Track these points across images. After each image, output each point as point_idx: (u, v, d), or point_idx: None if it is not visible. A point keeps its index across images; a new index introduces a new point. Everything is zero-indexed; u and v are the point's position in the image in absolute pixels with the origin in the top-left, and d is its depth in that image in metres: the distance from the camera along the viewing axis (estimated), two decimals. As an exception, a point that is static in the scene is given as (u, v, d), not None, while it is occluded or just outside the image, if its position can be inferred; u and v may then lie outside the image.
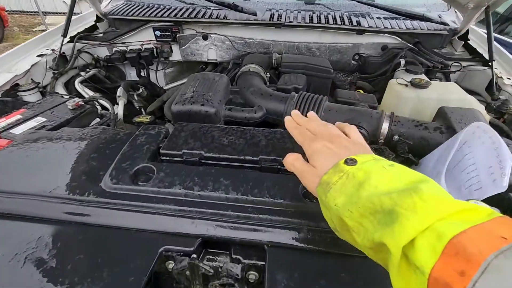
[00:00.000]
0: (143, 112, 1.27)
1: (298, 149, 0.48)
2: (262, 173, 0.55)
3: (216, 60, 1.34)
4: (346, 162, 0.38)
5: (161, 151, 0.59)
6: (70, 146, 0.64)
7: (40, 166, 0.59)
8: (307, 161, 0.45)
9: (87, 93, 1.12)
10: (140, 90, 1.25)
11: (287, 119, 0.53)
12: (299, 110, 0.82)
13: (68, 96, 1.01)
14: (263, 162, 0.57)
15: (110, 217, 0.50)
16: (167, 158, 0.60)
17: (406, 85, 0.89)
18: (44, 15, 6.04)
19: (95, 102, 0.98)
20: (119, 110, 1.03)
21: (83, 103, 0.90)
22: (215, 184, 0.53)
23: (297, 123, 0.52)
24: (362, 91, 1.11)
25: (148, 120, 0.99)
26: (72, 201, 0.52)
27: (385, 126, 0.76)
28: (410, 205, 0.29)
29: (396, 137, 0.75)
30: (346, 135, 0.47)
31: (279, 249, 0.46)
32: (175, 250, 0.46)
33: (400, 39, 1.20)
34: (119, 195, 0.53)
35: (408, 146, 0.74)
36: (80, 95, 1.10)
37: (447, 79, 1.19)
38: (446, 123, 0.76)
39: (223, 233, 0.48)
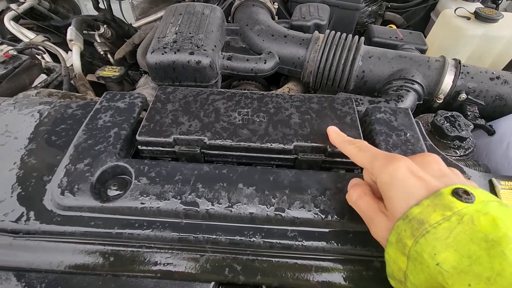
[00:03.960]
0: (110, 59, 0.99)
1: None
2: (303, 172, 0.35)
3: (200, -16, 1.02)
4: (456, 193, 0.23)
5: (138, 137, 0.37)
6: (-9, 132, 0.40)
7: None
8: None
9: (27, 35, 0.82)
10: (102, 30, 0.94)
11: (333, 131, 0.36)
12: (327, 56, 0.59)
13: (-3, 42, 0.72)
14: (300, 152, 0.37)
15: (66, 257, 0.31)
16: (149, 149, 0.38)
17: (468, 18, 0.66)
18: None
19: (37, 50, 0.70)
20: (74, 60, 0.75)
21: (16, 53, 0.62)
22: (231, 194, 0.33)
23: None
24: (394, 26, 0.86)
25: (117, 74, 0.73)
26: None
27: (448, 80, 0.56)
28: None
29: (463, 95, 0.55)
30: None
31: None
32: None
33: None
34: (78, 219, 0.33)
35: (479, 108, 0.55)
36: (16, 39, 0.80)
37: (496, 8, 0.94)
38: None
39: (250, 274, 0.30)
